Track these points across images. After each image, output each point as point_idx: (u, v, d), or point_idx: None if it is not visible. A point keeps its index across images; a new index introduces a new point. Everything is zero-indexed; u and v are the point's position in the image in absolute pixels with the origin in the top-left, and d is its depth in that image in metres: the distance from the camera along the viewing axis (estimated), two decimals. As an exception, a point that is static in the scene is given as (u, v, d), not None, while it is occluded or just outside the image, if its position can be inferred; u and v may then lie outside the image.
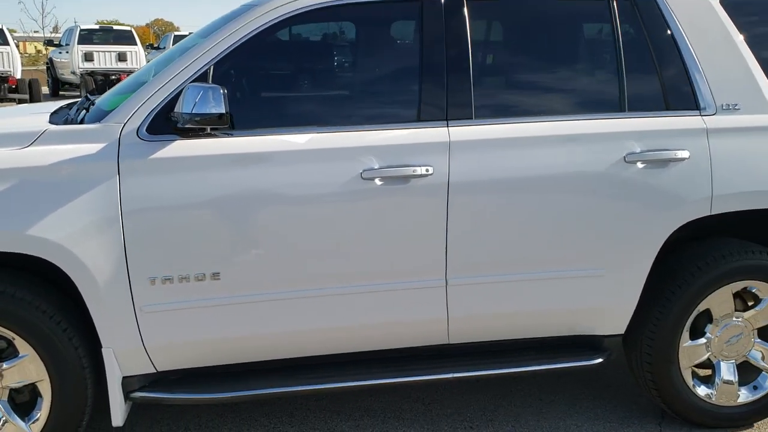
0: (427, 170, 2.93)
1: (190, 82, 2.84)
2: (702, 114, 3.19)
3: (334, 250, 2.94)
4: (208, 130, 2.83)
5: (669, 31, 3.22)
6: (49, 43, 23.08)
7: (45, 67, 23.04)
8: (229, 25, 3.00)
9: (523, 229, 3.05)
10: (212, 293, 2.89)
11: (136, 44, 20.38)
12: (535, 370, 3.27)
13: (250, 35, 2.96)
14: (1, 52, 17.47)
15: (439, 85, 3.01)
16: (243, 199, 2.85)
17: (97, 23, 31.40)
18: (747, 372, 3.48)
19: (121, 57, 19.63)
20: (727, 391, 3.41)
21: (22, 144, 2.82)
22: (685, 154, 3.11)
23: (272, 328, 2.99)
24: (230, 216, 2.85)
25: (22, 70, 20.00)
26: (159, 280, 2.83)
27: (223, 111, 2.71)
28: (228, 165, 2.85)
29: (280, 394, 3.11)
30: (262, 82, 3.22)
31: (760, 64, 3.27)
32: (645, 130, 3.12)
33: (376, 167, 2.90)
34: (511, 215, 3.04)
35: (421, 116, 3.01)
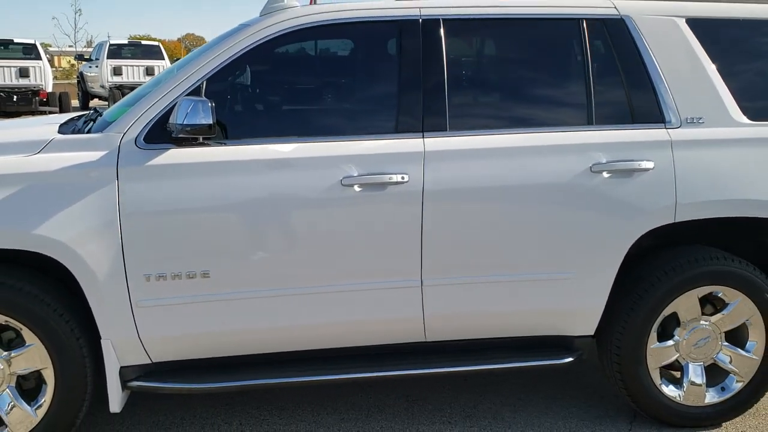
0: (402, 178, 3.15)
1: (185, 96, 3.10)
2: (667, 127, 3.37)
3: (314, 251, 3.16)
4: (200, 140, 3.08)
5: (637, 50, 3.41)
6: (80, 57, 23.75)
7: (76, 81, 23.70)
8: (221, 43, 3.26)
9: (493, 234, 3.25)
10: (202, 290, 3.12)
11: (163, 58, 20.91)
12: (507, 368, 3.46)
13: (240, 53, 3.21)
14: (34, 67, 18.10)
15: (416, 99, 3.24)
16: (230, 203, 3.09)
17: (130, 38, 32.19)
18: (716, 374, 3.63)
19: (149, 71, 20.14)
20: (694, 392, 3.56)
21: (31, 151, 3.09)
22: (649, 164, 3.29)
23: (258, 324, 3.22)
24: (219, 219, 3.09)
25: (56, 84, 20.67)
26: (153, 277, 3.08)
27: (211, 122, 2.96)
28: (218, 172, 3.09)
29: (267, 385, 3.33)
30: (251, 95, 3.48)
31: (725, 81, 3.44)
32: (611, 142, 3.31)
33: (354, 175, 3.13)
34: (482, 221, 3.24)
35: (399, 128, 3.24)
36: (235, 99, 3.39)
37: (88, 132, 3.29)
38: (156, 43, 22.66)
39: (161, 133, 3.09)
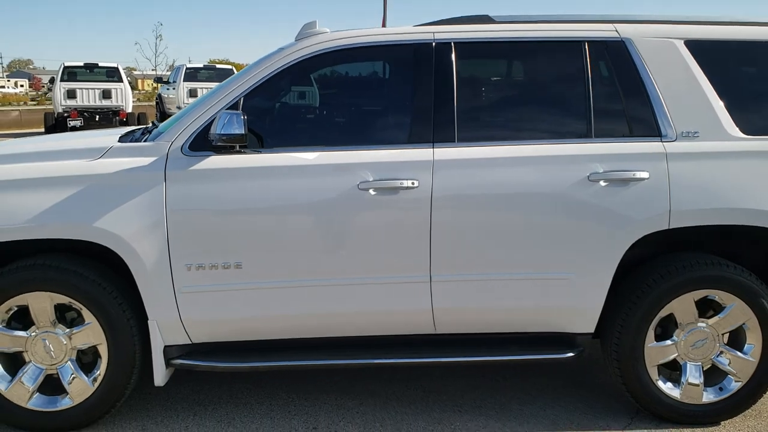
0: (413, 183, 3.52)
1: (225, 109, 3.56)
2: (663, 140, 3.63)
3: (334, 247, 3.56)
4: (237, 148, 3.53)
5: (635, 70, 3.69)
6: (159, 80, 25.07)
7: (155, 102, 25.00)
8: (259, 63, 3.72)
9: (497, 235, 3.58)
10: (236, 279, 3.55)
11: (235, 81, 21.83)
12: (512, 360, 3.76)
13: (275, 73, 3.66)
14: (115, 89, 19.30)
15: (428, 113, 3.61)
16: (261, 204, 3.52)
17: (209, 62, 33.67)
18: (715, 375, 3.83)
19: (223, 93, 21.06)
20: (692, 391, 3.77)
21: (94, 157, 3.61)
22: (644, 174, 3.56)
23: (285, 311, 3.62)
24: (251, 217, 3.52)
25: (138, 105, 21.91)
26: (194, 267, 3.53)
27: (243, 132, 3.41)
28: (250, 176, 3.53)
29: (293, 366, 3.74)
30: (282, 110, 3.92)
31: (721, 98, 3.69)
32: (608, 154, 3.59)
33: (370, 180, 3.52)
34: (486, 223, 3.57)
35: (411, 139, 3.61)
36: (268, 113, 3.83)
37: (144, 141, 3.79)
38: (230, 67, 23.73)
39: (203, 142, 3.56)
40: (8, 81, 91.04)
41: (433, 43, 3.68)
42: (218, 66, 23.87)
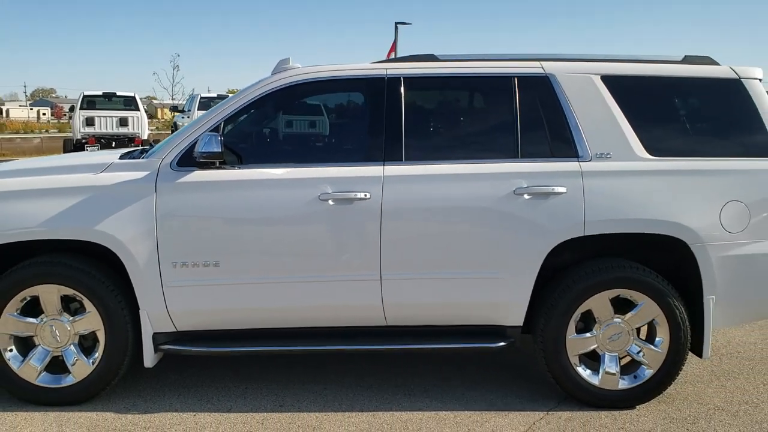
0: (366, 195, 4.15)
1: (207, 131, 4.22)
2: (579, 160, 4.25)
3: (298, 249, 4.18)
4: (217, 164, 4.19)
5: (557, 101, 4.32)
6: (174, 109, 26.03)
7: (171, 130, 25.94)
8: (241, 93, 4.40)
9: (437, 240, 4.19)
10: (214, 276, 4.18)
11: (247, 110, 22.72)
12: (451, 348, 4.36)
13: (252, 101, 4.34)
14: (132, 117, 20.20)
15: (380, 136, 4.25)
16: (236, 211, 4.16)
17: (228, 91, 34.66)
18: (632, 364, 4.40)
19: (234, 121, 21.93)
20: (609, 379, 4.34)
21: (97, 171, 4.28)
22: (562, 189, 4.17)
23: (257, 304, 4.24)
24: (227, 223, 4.16)
25: (158, 134, 22.78)
26: (178, 264, 4.17)
27: (220, 150, 4.06)
28: (228, 188, 4.18)
29: (265, 352, 4.34)
30: (257, 132, 4.59)
31: (631, 125, 4.30)
32: (531, 171, 4.21)
33: (329, 192, 4.15)
34: (428, 230, 4.19)
35: (365, 157, 4.25)
36: (245, 134, 4.50)
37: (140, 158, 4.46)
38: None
39: (189, 159, 4.22)
40: (31, 109, 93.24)
41: (386, 78, 4.33)
42: (231, 96, 24.76)
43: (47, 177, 4.30)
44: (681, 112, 4.53)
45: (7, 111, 76.21)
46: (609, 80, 4.38)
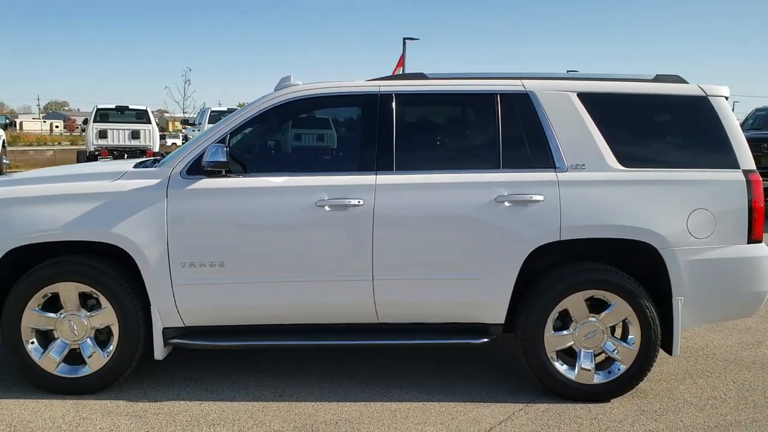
0: (359, 202, 4.52)
1: (214, 143, 4.61)
2: (556, 171, 4.61)
3: (297, 251, 4.55)
4: (223, 173, 4.57)
5: (536, 116, 4.69)
6: (185, 122, 26.56)
7: (181, 143, 26.47)
8: (246, 107, 4.79)
9: (424, 244, 4.55)
10: (219, 275, 4.56)
11: (256, 124, 23.22)
12: (438, 343, 4.74)
13: (255, 115, 4.73)
14: (144, 130, 20.71)
15: (372, 147, 4.62)
16: (240, 216, 4.54)
17: (239, 105, 35.30)
18: (606, 361, 4.74)
19: (243, 135, 22.43)
20: (584, 374, 4.67)
21: (114, 178, 4.67)
22: (539, 197, 4.53)
23: (259, 301, 4.61)
24: (233, 226, 4.54)
25: (167, 146, 23.28)
26: (187, 264, 4.54)
27: (225, 160, 4.44)
28: (233, 194, 4.56)
29: (265, 346, 4.73)
30: (260, 143, 4.98)
31: (605, 138, 4.66)
32: (511, 181, 4.57)
33: (326, 198, 4.53)
34: (416, 234, 4.56)
35: (359, 167, 4.63)
36: (249, 145, 4.89)
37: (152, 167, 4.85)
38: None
39: (197, 168, 4.60)
40: (44, 122, 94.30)
41: (379, 94, 4.72)
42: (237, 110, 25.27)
43: (67, 184, 4.69)
44: (652, 127, 4.89)
45: (21, 123, 77.18)
46: (585, 97, 4.74)
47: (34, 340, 4.66)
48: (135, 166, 5.00)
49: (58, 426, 4.21)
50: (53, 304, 4.65)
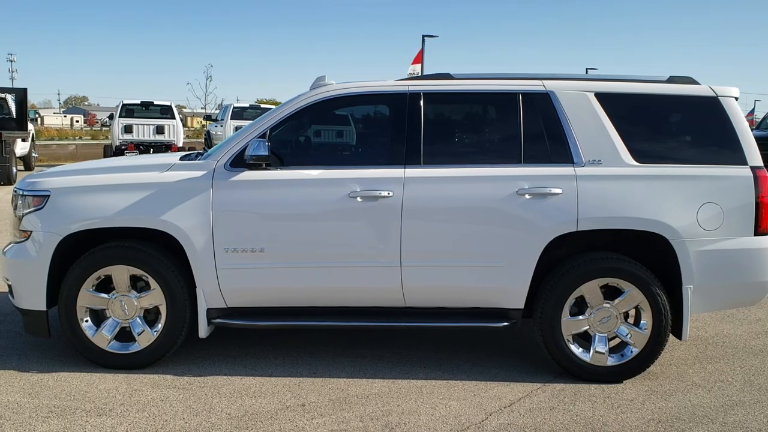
0: (389, 193, 4.87)
1: (256, 138, 4.97)
2: (574, 166, 4.93)
3: (331, 239, 4.91)
4: (264, 166, 4.93)
5: (556, 114, 5.01)
6: (207, 118, 27.06)
7: (204, 139, 26.92)
8: (283, 105, 5.15)
9: (449, 233, 4.89)
10: (259, 260, 4.92)
11: (278, 119, 23.62)
12: (461, 326, 5.05)
13: (293, 112, 5.09)
14: (169, 125, 21.19)
15: (401, 143, 4.97)
16: (280, 205, 4.90)
17: (256, 101, 35.69)
18: (621, 344, 5.05)
19: (265, 130, 22.83)
20: (599, 356, 4.99)
21: (163, 170, 5.05)
22: (558, 190, 4.85)
23: (296, 285, 4.97)
24: (272, 215, 4.90)
25: (188, 142, 23.75)
26: (230, 250, 4.91)
27: (267, 154, 4.81)
28: (272, 186, 4.92)
29: (298, 326, 5.09)
30: (297, 138, 5.34)
31: (620, 135, 4.97)
32: (533, 175, 4.90)
33: (358, 190, 4.88)
34: (442, 224, 4.90)
35: (389, 162, 4.97)
36: (288, 141, 5.25)
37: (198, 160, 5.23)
38: (273, 107, 25.53)
39: (240, 161, 4.97)
40: (65, 117, 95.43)
41: (408, 93, 5.06)
42: (263, 105, 25.71)
43: (120, 174, 5.08)
44: (665, 125, 5.20)
45: (42, 118, 78.26)
46: (602, 97, 5.05)
47: (88, 318, 5.05)
48: (181, 159, 5.37)
49: (113, 396, 4.59)
50: (106, 285, 5.04)
